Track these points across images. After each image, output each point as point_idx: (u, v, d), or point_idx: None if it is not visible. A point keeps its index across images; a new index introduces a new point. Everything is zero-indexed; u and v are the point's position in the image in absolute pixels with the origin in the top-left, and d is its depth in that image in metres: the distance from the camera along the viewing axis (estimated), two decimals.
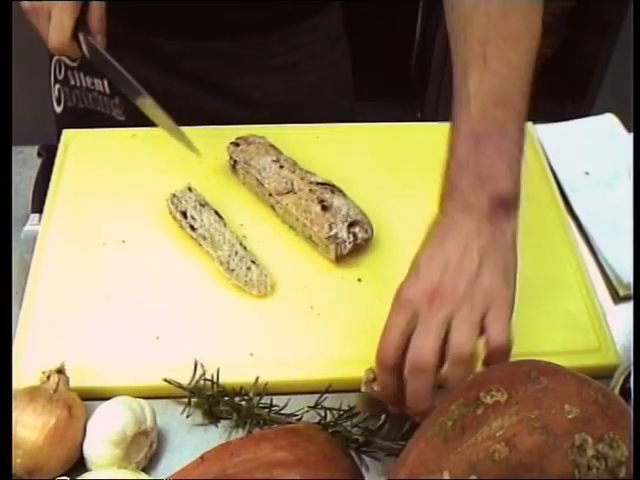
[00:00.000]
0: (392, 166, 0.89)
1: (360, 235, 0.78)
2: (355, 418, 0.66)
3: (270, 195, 0.81)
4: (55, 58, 0.99)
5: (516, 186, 0.64)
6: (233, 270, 0.76)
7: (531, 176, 0.89)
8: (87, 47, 0.78)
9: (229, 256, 0.77)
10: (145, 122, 0.82)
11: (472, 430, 0.54)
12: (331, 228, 0.76)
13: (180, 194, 0.81)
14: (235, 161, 0.84)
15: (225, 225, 0.80)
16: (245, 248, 0.78)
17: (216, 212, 0.81)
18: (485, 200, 0.63)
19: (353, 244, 0.77)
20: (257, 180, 0.82)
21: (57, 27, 0.75)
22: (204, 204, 0.81)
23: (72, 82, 0.99)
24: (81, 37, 0.77)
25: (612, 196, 0.88)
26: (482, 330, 0.61)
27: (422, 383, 0.61)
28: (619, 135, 0.95)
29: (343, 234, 0.76)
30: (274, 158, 0.82)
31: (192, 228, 0.79)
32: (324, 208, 0.78)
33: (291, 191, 0.80)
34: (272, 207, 0.82)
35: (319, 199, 0.78)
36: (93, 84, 0.97)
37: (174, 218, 0.80)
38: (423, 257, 0.65)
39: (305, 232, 0.79)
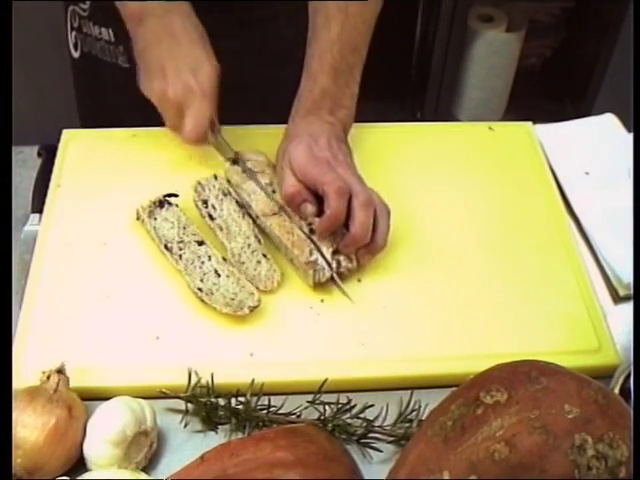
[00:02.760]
0: (392, 166, 0.89)
1: (344, 264, 0.76)
2: (354, 410, 0.67)
3: (257, 217, 0.80)
4: (70, 7, 1.03)
5: (348, 119, 0.84)
6: (243, 263, 0.76)
7: (531, 176, 0.89)
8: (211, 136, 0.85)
9: (241, 248, 0.77)
10: None
11: (472, 430, 0.54)
12: (311, 253, 0.76)
13: (205, 182, 0.82)
14: (228, 181, 0.84)
15: (244, 216, 0.80)
16: (260, 241, 0.78)
17: (237, 202, 0.81)
18: (337, 121, 0.82)
19: (336, 271, 0.76)
20: (247, 202, 0.81)
21: (198, 120, 0.82)
22: (227, 193, 0.81)
23: (84, 30, 1.02)
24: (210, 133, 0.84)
25: (612, 196, 0.88)
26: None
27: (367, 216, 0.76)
28: (619, 135, 0.95)
29: (323, 261, 0.75)
30: (267, 181, 0.82)
31: (210, 217, 0.80)
32: (312, 231, 0.77)
33: (277, 213, 0.80)
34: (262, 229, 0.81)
35: (309, 221, 0.78)
36: (100, 33, 1.00)
37: (195, 206, 0.81)
38: (294, 157, 0.78)
39: (287, 255, 0.78)
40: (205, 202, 0.81)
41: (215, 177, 0.83)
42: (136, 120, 0.91)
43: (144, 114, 0.85)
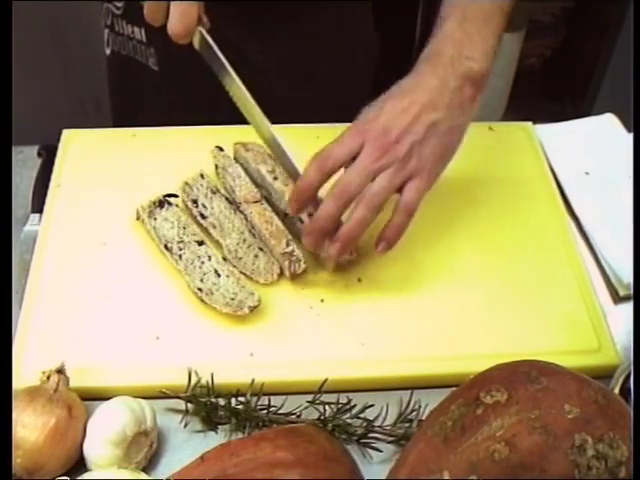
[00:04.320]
0: None
1: (323, 255, 0.75)
2: (354, 410, 0.67)
3: (240, 203, 0.80)
4: (105, 5, 1.01)
5: (487, 71, 0.72)
6: (241, 259, 0.77)
7: (531, 176, 0.89)
8: (199, 38, 0.77)
9: (237, 244, 0.77)
10: (177, 74, 0.83)
11: (472, 430, 0.54)
12: (288, 244, 0.76)
13: (192, 182, 0.82)
14: (216, 166, 0.84)
15: (235, 212, 0.80)
16: (254, 235, 0.78)
17: (227, 199, 0.81)
18: (459, 75, 0.71)
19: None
20: (230, 187, 0.82)
21: (185, 14, 0.74)
22: (215, 191, 0.82)
23: (116, 29, 1.01)
24: (199, 29, 0.76)
25: (612, 196, 0.88)
26: (400, 190, 0.71)
27: (331, 207, 0.70)
28: (619, 135, 0.95)
29: (299, 253, 0.75)
30: (269, 169, 0.82)
31: (202, 216, 0.80)
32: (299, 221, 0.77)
33: (258, 201, 0.80)
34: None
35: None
36: (133, 32, 0.99)
37: (185, 207, 0.81)
38: (391, 99, 0.71)
39: (267, 244, 0.78)
40: (195, 202, 0.81)
41: (202, 176, 0.83)
42: (165, 123, 0.90)
43: (172, 117, 0.83)
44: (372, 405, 0.67)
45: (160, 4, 0.74)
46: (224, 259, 0.77)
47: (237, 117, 0.77)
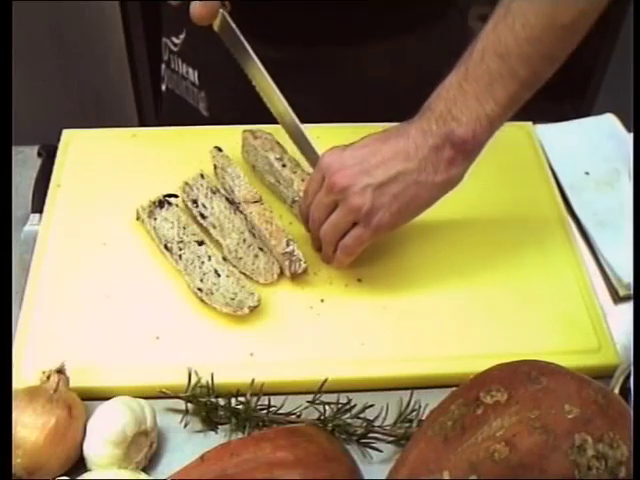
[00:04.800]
0: None
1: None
2: (354, 410, 0.67)
3: (239, 203, 0.81)
4: (164, 40, 0.99)
5: (474, 140, 0.67)
6: (241, 259, 0.77)
7: (531, 176, 0.89)
8: (220, 20, 0.76)
9: (237, 244, 0.77)
10: (226, 124, 0.84)
11: (472, 430, 0.54)
12: (288, 244, 0.76)
13: (192, 181, 0.82)
14: (215, 166, 0.84)
15: (235, 212, 0.80)
16: (254, 235, 0.78)
17: (227, 199, 0.81)
18: (441, 134, 0.67)
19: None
20: (230, 187, 0.82)
21: None
22: (215, 191, 0.82)
23: (172, 66, 0.99)
24: (221, 11, 0.75)
25: (612, 196, 0.88)
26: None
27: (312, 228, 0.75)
28: (619, 135, 0.95)
29: (299, 253, 0.75)
30: (277, 156, 0.82)
31: (202, 216, 0.80)
32: None
33: (258, 201, 0.80)
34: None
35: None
36: (187, 73, 0.97)
37: (185, 207, 0.81)
38: (370, 141, 0.70)
39: (267, 244, 0.78)
40: (195, 202, 0.81)
41: (202, 176, 0.83)
42: None
43: None
44: (372, 405, 0.67)
45: None
46: (224, 259, 0.77)
47: None
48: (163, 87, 1.04)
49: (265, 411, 0.66)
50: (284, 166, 0.81)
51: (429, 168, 0.68)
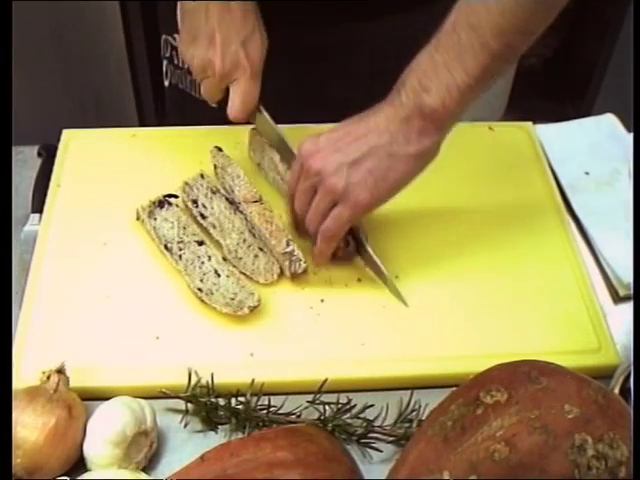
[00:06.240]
0: None
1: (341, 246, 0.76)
2: (354, 410, 0.67)
3: (239, 203, 0.81)
4: (164, 37, 0.99)
5: (443, 109, 0.67)
6: (241, 259, 0.77)
7: (531, 176, 0.89)
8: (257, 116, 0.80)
9: (237, 244, 0.77)
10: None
11: (472, 430, 0.54)
12: (288, 244, 0.76)
13: (192, 182, 0.82)
14: (215, 166, 0.84)
15: (235, 212, 0.80)
16: (254, 235, 0.78)
17: (227, 199, 0.81)
18: (411, 105, 0.67)
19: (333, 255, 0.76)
20: (230, 187, 0.82)
21: (247, 98, 0.77)
22: (215, 191, 0.82)
23: (175, 61, 0.99)
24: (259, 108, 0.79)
25: (612, 196, 0.88)
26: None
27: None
28: (619, 135, 0.95)
29: (299, 253, 0.75)
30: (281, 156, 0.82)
31: (202, 216, 0.80)
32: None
33: (258, 201, 0.80)
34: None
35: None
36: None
37: (185, 207, 0.81)
38: (339, 124, 0.72)
39: (267, 244, 0.78)
40: (195, 202, 0.81)
41: (202, 176, 0.83)
42: None
43: None
44: (372, 405, 0.67)
45: (221, 83, 0.76)
46: (224, 259, 0.77)
47: None
48: (166, 83, 1.04)
49: (265, 411, 0.66)
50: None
51: (400, 139, 0.68)
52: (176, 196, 0.81)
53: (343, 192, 0.69)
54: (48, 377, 0.64)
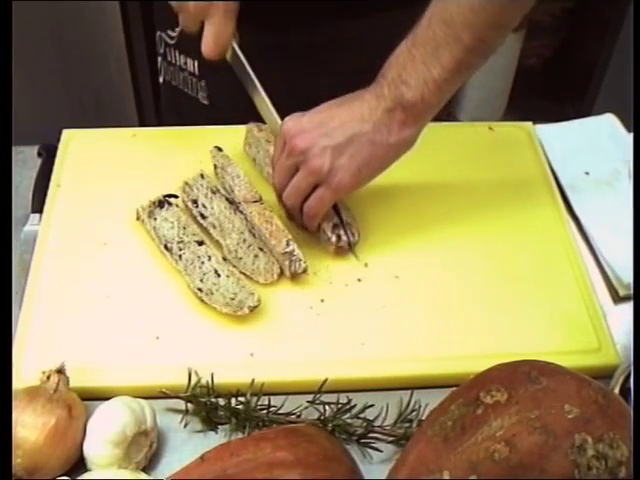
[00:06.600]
0: (391, 166, 0.89)
1: (344, 238, 0.77)
2: (354, 410, 0.67)
3: (239, 203, 0.81)
4: (158, 33, 1.00)
5: (423, 103, 0.70)
6: (241, 259, 0.77)
7: (531, 176, 0.89)
8: (231, 52, 0.80)
9: (237, 244, 0.77)
10: (226, 110, 0.86)
11: (472, 430, 0.54)
12: (288, 244, 0.76)
13: (192, 182, 0.82)
14: (215, 166, 0.84)
15: (235, 212, 0.80)
16: (254, 235, 0.78)
17: (227, 199, 0.81)
18: (391, 97, 0.70)
19: (336, 245, 0.77)
20: (230, 186, 0.82)
21: (220, 35, 0.78)
22: (215, 191, 0.82)
23: (169, 58, 1.00)
24: (232, 44, 0.80)
25: (612, 196, 0.88)
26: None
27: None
28: (619, 135, 0.95)
29: (299, 253, 0.75)
30: None
31: (202, 216, 0.80)
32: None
33: (257, 201, 0.80)
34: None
35: None
36: (185, 64, 0.98)
37: (185, 207, 0.81)
38: (329, 106, 0.74)
39: (267, 244, 0.78)
40: (195, 202, 0.81)
41: (202, 176, 0.83)
42: None
43: None
44: (372, 405, 0.67)
45: (195, 18, 0.77)
46: (224, 259, 0.77)
47: None
48: (160, 79, 1.05)
49: (265, 411, 0.66)
50: None
51: (383, 129, 0.72)
52: (176, 196, 0.81)
53: (327, 174, 0.72)
54: (48, 377, 0.64)
